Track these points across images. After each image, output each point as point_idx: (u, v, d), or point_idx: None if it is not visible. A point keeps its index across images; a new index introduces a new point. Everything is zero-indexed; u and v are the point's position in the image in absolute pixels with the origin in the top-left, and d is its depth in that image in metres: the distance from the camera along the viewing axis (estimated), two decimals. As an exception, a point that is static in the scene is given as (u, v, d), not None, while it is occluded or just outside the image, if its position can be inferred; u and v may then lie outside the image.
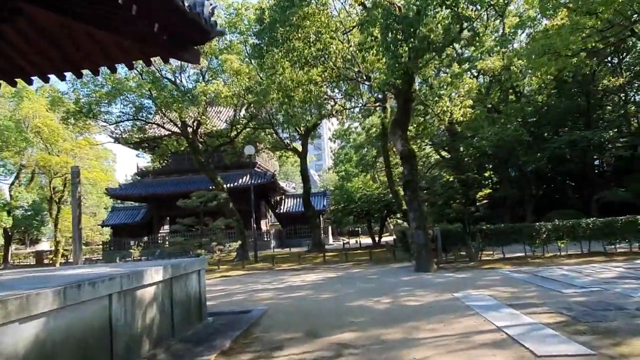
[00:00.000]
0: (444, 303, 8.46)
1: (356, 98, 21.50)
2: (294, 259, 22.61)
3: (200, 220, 17.88)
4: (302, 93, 13.78)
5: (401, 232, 19.61)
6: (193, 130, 26.15)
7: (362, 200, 31.06)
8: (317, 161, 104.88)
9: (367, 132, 39.45)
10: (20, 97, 29.66)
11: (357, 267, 17.21)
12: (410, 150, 14.07)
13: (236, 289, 12.84)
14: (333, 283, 12.60)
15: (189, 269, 7.47)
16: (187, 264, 7.40)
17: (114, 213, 45.56)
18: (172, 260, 7.48)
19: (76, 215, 24.74)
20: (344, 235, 55.06)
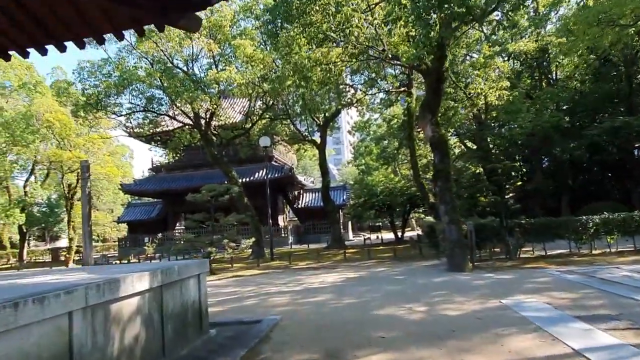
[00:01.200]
0: (492, 313, 7.01)
1: (379, 82, 19.96)
2: (312, 257, 21.33)
3: (211, 216, 16.70)
4: (320, 73, 12.43)
5: (429, 226, 18.14)
6: (206, 121, 25.02)
7: (383, 194, 29.59)
8: (336, 155, 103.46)
9: (388, 123, 37.94)
10: (29, 89, 28.98)
11: (381, 266, 15.81)
12: (442, 136, 12.60)
13: (248, 291, 11.58)
14: (355, 285, 11.24)
15: (185, 274, 6.20)
16: (182, 267, 6.13)
17: (129, 209, 45.07)
18: (164, 263, 6.28)
19: (86, 211, 23.86)
20: (365, 230, 53.64)
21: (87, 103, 21.13)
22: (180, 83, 20.52)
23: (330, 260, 19.61)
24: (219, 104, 23.58)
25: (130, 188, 39.92)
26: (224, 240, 16.14)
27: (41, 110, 30.80)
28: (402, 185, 31.38)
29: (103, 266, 8.12)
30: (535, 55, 26.47)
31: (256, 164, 35.35)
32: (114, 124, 31.80)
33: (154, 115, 24.85)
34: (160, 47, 22.84)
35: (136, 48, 23.18)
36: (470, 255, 12.46)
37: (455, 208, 12.29)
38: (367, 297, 9.22)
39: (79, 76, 20.82)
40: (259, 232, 24.59)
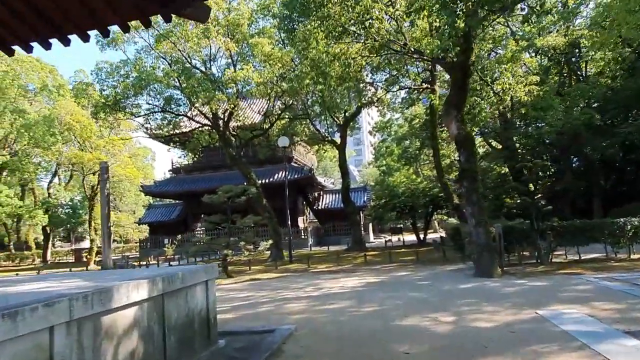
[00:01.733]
0: (528, 326, 6.33)
1: (401, 79, 19.27)
2: (332, 259, 20.76)
3: (228, 217, 16.29)
4: (339, 68, 11.84)
5: (453, 229, 17.36)
6: (224, 122, 24.72)
7: (405, 195, 28.85)
8: (357, 156, 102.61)
9: (409, 122, 37.14)
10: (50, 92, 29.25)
11: (403, 269, 15.14)
12: (468, 134, 11.87)
13: (264, 296, 11.08)
14: (376, 290, 10.62)
15: (190, 281, 5.72)
16: (187, 274, 5.65)
17: (150, 211, 45.27)
18: (167, 270, 5.81)
19: (105, 212, 23.82)
20: (385, 232, 52.80)
21: (105, 104, 21.04)
22: (197, 83, 20.23)
23: (350, 264, 19.01)
24: (237, 103, 23.23)
25: (150, 189, 40.05)
26: (241, 243, 15.70)
27: (63, 113, 31.14)
28: (424, 186, 30.58)
29: (110, 271, 7.69)
30: (564, 50, 25.39)
31: (276, 165, 34.97)
32: (135, 126, 31.92)
33: (172, 116, 24.68)
34: (179, 47, 22.65)
35: (155, 49, 23.06)
36: (499, 260, 11.70)
37: (482, 209, 11.57)
38: (389, 305, 8.61)
39: (97, 77, 20.79)
40: (277, 234, 24.14)
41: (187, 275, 5.63)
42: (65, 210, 41.58)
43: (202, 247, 16.67)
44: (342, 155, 28.62)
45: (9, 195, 31.77)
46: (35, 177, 38.85)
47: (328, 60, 11.48)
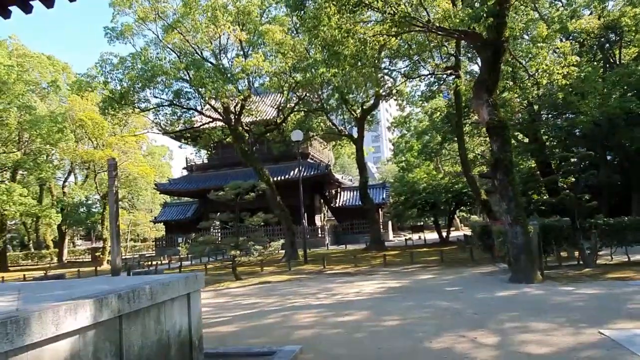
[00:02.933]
0: (597, 353, 4.93)
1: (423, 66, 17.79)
2: (349, 260, 19.47)
3: (236, 215, 15.14)
4: (353, 46, 10.53)
5: (481, 227, 15.89)
6: (235, 116, 23.63)
7: (426, 191, 27.36)
8: (375, 153, 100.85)
9: (430, 116, 35.59)
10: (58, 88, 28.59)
11: (427, 272, 13.76)
12: (501, 120, 10.43)
13: (271, 304, 9.86)
14: (398, 299, 9.30)
15: (163, 296, 4.50)
16: (158, 288, 4.43)
17: (165, 209, 44.63)
18: (130, 283, 4.63)
19: (114, 210, 22.89)
20: (405, 230, 51.27)
21: (110, 97, 20.11)
22: (207, 74, 19.14)
23: (368, 265, 17.69)
24: (248, 96, 22.10)
25: (164, 187, 39.33)
26: (250, 243, 14.53)
27: (75, 109, 30.54)
28: (446, 181, 29.04)
29: (58, 283, 6.49)
30: (598, 34, 23.55)
31: (291, 162, 33.78)
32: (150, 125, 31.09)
33: (182, 111, 23.69)
34: (188, 38, 21.65)
35: (163, 40, 22.10)
36: (539, 263, 10.24)
37: (520, 205, 10.12)
38: (414, 318, 7.28)
39: (101, 69, 19.85)
40: (292, 232, 22.97)
41: (158, 289, 4.41)
42: (80, 209, 41.15)
43: (209, 247, 15.50)
44: (360, 149, 27.27)
45: (23, 194, 31.30)
46: (52, 176, 38.51)
47: (341, 37, 10.18)
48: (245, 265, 18.34)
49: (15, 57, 26.81)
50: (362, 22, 11.70)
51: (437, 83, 29.77)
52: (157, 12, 21.91)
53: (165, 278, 4.96)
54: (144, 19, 22.24)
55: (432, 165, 42.31)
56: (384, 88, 25.22)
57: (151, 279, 5.07)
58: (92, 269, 25.01)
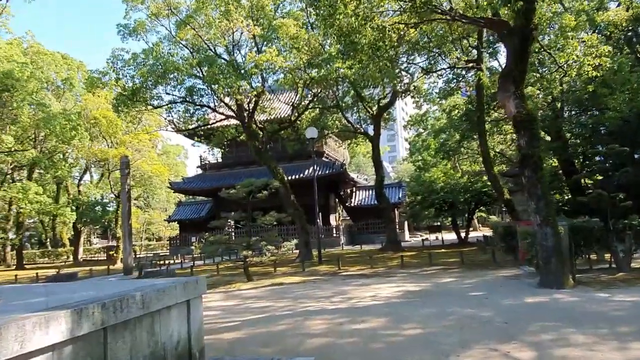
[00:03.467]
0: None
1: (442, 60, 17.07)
2: (365, 261, 18.88)
3: (248, 214, 14.67)
4: (371, 34, 9.92)
5: (504, 227, 15.17)
6: (249, 113, 23.19)
7: (444, 191, 26.58)
8: (391, 152, 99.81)
9: (448, 114, 34.79)
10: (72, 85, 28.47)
11: (447, 275, 13.10)
12: (529, 113, 9.73)
13: (283, 308, 9.34)
14: (418, 304, 8.70)
15: (158, 304, 4.00)
16: (152, 295, 3.93)
17: (180, 208, 44.56)
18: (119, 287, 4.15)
19: (126, 209, 22.72)
20: (421, 230, 50.41)
21: (122, 94, 19.83)
22: (219, 70, 18.71)
23: (384, 266, 17.07)
24: (261, 92, 21.64)
25: (178, 186, 39.20)
26: (262, 243, 14.04)
27: (90, 108, 30.48)
28: (465, 181, 28.22)
29: (41, 287, 5.94)
30: (625, 27, 22.52)
31: (305, 161, 33.28)
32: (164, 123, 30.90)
33: (195, 108, 23.34)
34: (200, 33, 21.27)
35: (177, 36, 21.77)
36: (571, 267, 9.53)
37: (550, 204, 9.41)
38: (437, 327, 6.68)
39: (112, 66, 19.56)
40: (306, 232, 22.45)
41: (151, 296, 3.91)
42: (95, 207, 41.25)
43: (220, 247, 15.04)
44: (376, 147, 26.61)
45: (39, 192, 31.38)
46: (68, 175, 38.65)
47: (358, 24, 9.59)
48: (258, 266, 17.89)
49: (30, 55, 26.80)
50: (380, 14, 11.09)
51: (455, 80, 29.05)
52: (170, 7, 21.59)
53: (160, 284, 4.44)
54: (157, 15, 21.94)
55: (449, 165, 41.51)
56: (401, 84, 24.54)
57: (145, 284, 4.57)
58: (106, 268, 24.79)
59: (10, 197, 30.77)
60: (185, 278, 4.73)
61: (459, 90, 31.16)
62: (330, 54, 18.48)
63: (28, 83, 21.14)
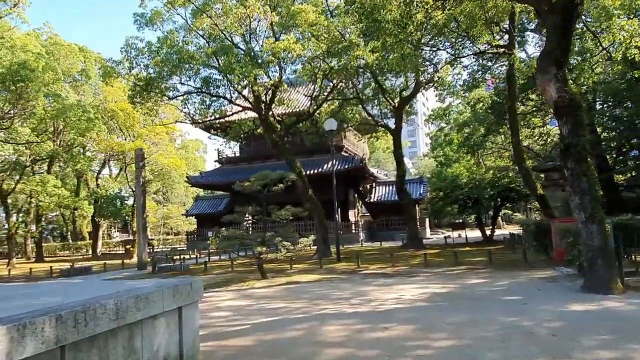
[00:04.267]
0: None
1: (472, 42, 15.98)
2: (385, 258, 18.01)
3: (263, 208, 13.96)
4: (397, 9, 9.03)
5: (536, 225, 14.13)
6: (266, 105, 22.48)
7: (469, 186, 25.45)
8: (411, 148, 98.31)
9: (472, 107, 33.60)
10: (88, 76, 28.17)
11: (475, 275, 12.15)
12: (573, 98, 8.73)
13: (297, 310, 8.57)
14: (447, 308, 7.82)
15: (135, 314, 3.25)
16: (129, 302, 3.18)
17: (197, 202, 44.31)
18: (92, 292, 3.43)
19: (140, 202, 22.27)
20: (442, 227, 49.23)
21: (137, 84, 19.32)
22: (235, 59, 18.01)
23: (406, 264, 16.18)
24: (279, 82, 20.89)
25: (195, 180, 38.83)
26: (277, 239, 13.31)
27: (108, 100, 30.23)
28: (490, 176, 27.01)
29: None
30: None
31: (325, 155, 32.49)
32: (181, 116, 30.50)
33: (212, 100, 22.74)
34: (217, 21, 20.61)
35: (192, 25, 21.16)
36: (620, 270, 8.52)
37: (596, 199, 8.39)
38: (473, 338, 5.81)
39: (126, 55, 19.04)
40: (324, 227, 21.69)
41: (128, 304, 3.17)
42: (114, 201, 41.25)
43: (235, 243, 14.35)
44: (397, 140, 25.61)
45: (57, 185, 31.35)
46: (88, 168, 38.66)
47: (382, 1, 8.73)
48: (273, 262, 17.20)
49: (47, 46, 26.55)
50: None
51: (480, 71, 27.89)
52: (186, -6, 20.97)
53: (145, 288, 3.70)
54: (173, 3, 21.32)
55: (472, 160, 40.20)
56: (424, 74, 23.51)
57: (128, 288, 3.84)
58: (120, 262, 24.47)
59: (30, 189, 30.81)
60: (176, 281, 3.98)
61: (483, 82, 30.00)
62: (351, 42, 17.63)
63: (43, 74, 20.83)
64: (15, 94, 20.76)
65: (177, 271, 19.68)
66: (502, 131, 30.63)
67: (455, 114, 45.04)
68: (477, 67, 27.26)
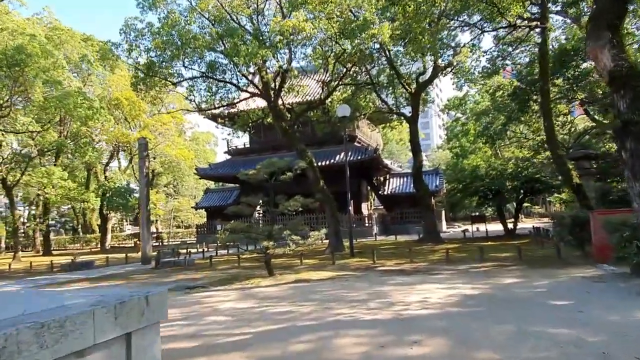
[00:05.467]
0: None
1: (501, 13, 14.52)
2: (402, 254, 16.77)
3: (270, 199, 12.80)
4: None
5: (572, 217, 12.76)
6: (274, 91, 21.29)
7: (490, 177, 24.04)
8: (425, 140, 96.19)
9: (492, 95, 32.00)
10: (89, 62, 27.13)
11: (507, 273, 10.84)
12: (633, 66, 7.38)
13: (305, 316, 7.38)
14: (485, 317, 6.56)
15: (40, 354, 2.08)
16: (23, 335, 2.00)
17: (207, 195, 43.42)
18: None
19: (144, 194, 21.23)
20: (458, 221, 47.70)
21: (137, 68, 18.24)
22: (240, 40, 16.81)
23: (426, 260, 14.92)
24: (288, 66, 19.67)
25: (204, 172, 37.87)
26: (285, 232, 12.14)
27: (112, 89, 29.28)
28: (513, 166, 25.54)
29: None
30: None
31: (337, 146, 31.25)
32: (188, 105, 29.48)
33: (218, 86, 21.61)
34: (222, 2, 19.44)
35: (197, 7, 20.00)
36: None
37: (663, 186, 7.07)
38: (526, 357, 4.56)
39: (125, 37, 17.93)
40: (336, 220, 20.51)
41: (29, 336, 1.99)
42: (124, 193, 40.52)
43: (237, 236, 13.21)
44: (414, 128, 24.27)
45: (63, 177, 30.60)
46: (97, 160, 37.90)
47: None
48: (282, 257, 16.06)
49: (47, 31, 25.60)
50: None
51: (500, 57, 26.50)
52: (190, -26, 19.81)
53: (65, 309, 2.51)
54: (176, -16, 20.23)
55: (489, 151, 38.67)
56: (442, 58, 22.11)
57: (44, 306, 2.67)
58: (124, 256, 23.54)
59: (36, 181, 30.11)
60: (121, 293, 2.79)
61: (504, 68, 28.58)
62: (365, 19, 16.30)
63: (41, 59, 19.88)
64: (11, 80, 19.85)
65: (180, 266, 18.69)
66: (525, 119, 29.11)
67: (472, 104, 43.51)
68: (497, 53, 25.95)
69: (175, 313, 7.97)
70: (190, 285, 11.90)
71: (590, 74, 22.25)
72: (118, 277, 15.82)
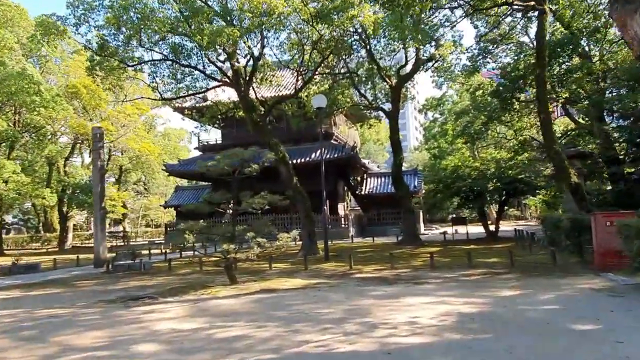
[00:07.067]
0: None
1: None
2: (381, 257, 15.33)
3: (233, 195, 11.13)
4: None
5: (571, 220, 11.51)
6: (245, 80, 19.59)
7: (472, 178, 22.87)
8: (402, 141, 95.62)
9: (472, 94, 31.01)
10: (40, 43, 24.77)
11: (502, 284, 9.44)
12: (670, 34, 6.06)
13: (262, 343, 5.73)
14: (496, 349, 5.07)
15: None
16: None
17: (177, 193, 41.23)
18: None
19: (97, 190, 19.06)
20: (435, 222, 46.66)
21: (87, 47, 16.26)
22: (205, 19, 15.06)
23: (408, 266, 13.48)
24: (260, 52, 18.03)
25: (173, 168, 35.73)
26: (249, 234, 10.48)
27: (71, 75, 26.99)
28: (495, 166, 24.49)
29: None
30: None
31: (312, 144, 29.67)
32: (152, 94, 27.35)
33: (183, 73, 19.77)
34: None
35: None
36: None
37: None
38: None
39: (72, 10, 15.86)
40: (310, 220, 18.94)
41: None
42: (84, 190, 37.89)
43: (184, 240, 11.38)
44: (394, 124, 22.88)
45: (16, 171, 28.11)
46: (59, 154, 35.22)
47: None
48: (247, 261, 14.36)
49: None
50: None
51: (481, 55, 25.73)
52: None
53: None
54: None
55: (467, 152, 37.78)
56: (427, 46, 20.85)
57: None
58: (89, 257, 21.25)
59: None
60: None
61: (485, 66, 27.79)
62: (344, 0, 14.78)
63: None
64: None
65: (136, 270, 16.80)
66: (506, 118, 28.24)
67: (451, 104, 42.80)
68: (478, 51, 25.19)
69: (98, 338, 6.25)
70: (136, 296, 10.13)
71: (579, 71, 21.51)
72: (59, 283, 13.83)
